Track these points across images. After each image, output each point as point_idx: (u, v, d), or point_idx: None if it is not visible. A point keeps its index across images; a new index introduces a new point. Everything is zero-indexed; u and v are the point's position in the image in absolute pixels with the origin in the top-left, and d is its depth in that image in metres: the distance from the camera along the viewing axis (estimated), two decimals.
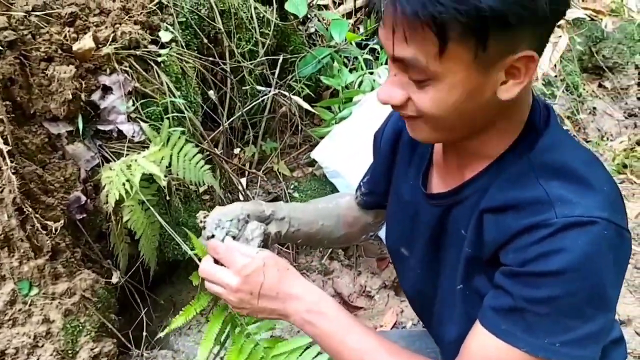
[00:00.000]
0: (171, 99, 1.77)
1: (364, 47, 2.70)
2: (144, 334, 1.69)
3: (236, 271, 0.98)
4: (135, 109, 1.69)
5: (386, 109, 0.96)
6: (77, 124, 1.60)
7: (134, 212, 1.60)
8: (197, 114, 1.96)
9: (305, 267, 2.28)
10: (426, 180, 1.07)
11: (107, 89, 1.65)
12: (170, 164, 1.65)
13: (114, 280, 1.61)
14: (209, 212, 1.08)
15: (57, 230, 1.45)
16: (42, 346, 1.38)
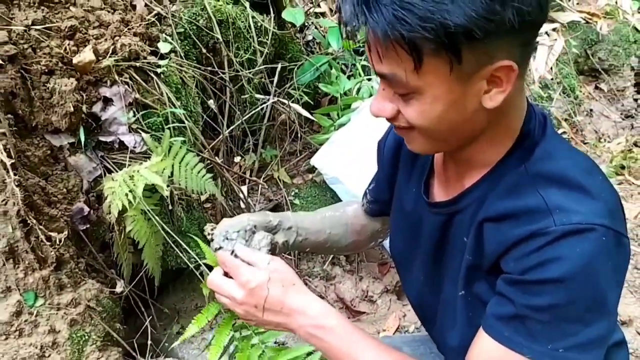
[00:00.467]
0: (171, 109, 1.78)
1: (361, 53, 2.72)
2: (149, 342, 1.70)
3: (240, 284, 0.99)
4: (136, 120, 1.70)
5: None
6: (78, 136, 1.62)
7: (136, 222, 1.61)
8: (197, 123, 1.98)
9: (307, 273, 2.29)
10: (428, 189, 1.08)
11: (107, 101, 1.66)
12: (172, 173, 1.66)
13: (118, 289, 1.62)
14: (215, 223, 1.09)
15: (61, 241, 1.46)
16: (48, 356, 1.38)
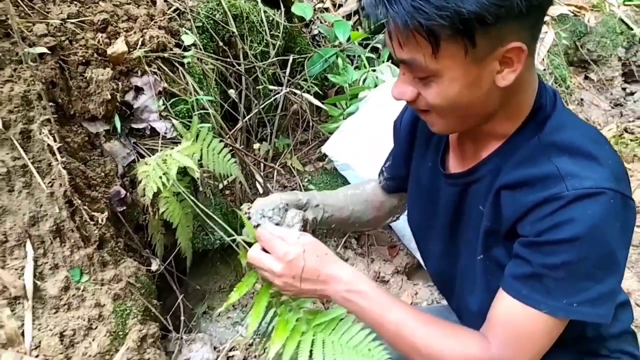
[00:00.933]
0: (197, 97, 1.88)
1: (365, 46, 2.82)
2: (182, 318, 1.79)
3: (278, 258, 1.05)
4: (165, 108, 1.79)
5: (391, 104, 1.06)
6: (113, 123, 1.71)
7: (169, 203, 1.70)
8: (217, 111, 2.07)
9: None
10: (444, 162, 1.16)
11: (139, 90, 1.76)
12: (201, 157, 1.75)
13: (154, 267, 1.71)
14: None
15: (103, 221, 1.55)
16: (95, 328, 1.47)
